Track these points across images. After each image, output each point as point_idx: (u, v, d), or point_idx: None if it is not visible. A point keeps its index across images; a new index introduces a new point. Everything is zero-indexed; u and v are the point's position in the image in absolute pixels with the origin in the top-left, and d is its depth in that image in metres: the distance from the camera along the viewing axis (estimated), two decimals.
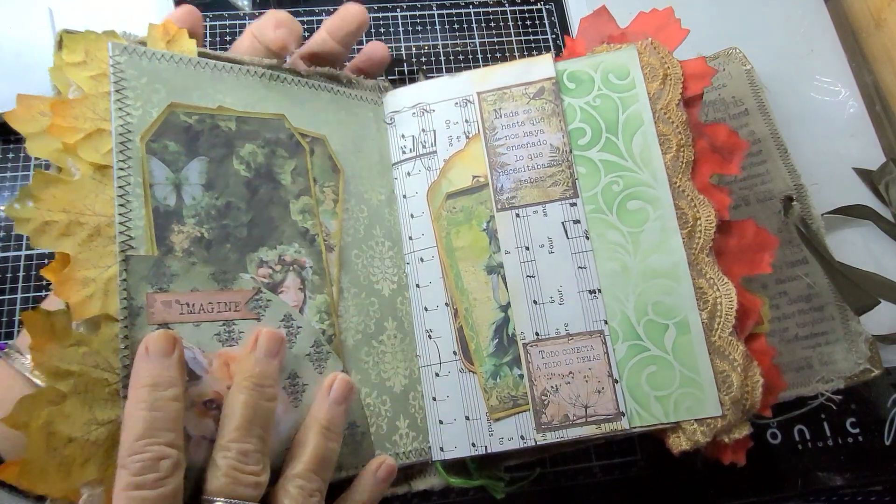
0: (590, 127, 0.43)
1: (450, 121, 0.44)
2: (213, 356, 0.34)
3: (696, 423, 0.39)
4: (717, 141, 0.44)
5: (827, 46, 0.60)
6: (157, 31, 0.40)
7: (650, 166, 0.42)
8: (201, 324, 0.34)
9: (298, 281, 0.38)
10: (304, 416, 0.35)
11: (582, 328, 0.40)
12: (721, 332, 0.40)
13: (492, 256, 0.41)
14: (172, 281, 0.34)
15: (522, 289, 0.41)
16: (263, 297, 0.36)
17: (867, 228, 0.53)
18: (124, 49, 0.37)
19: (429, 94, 0.45)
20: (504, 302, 0.40)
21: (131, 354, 0.32)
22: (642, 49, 0.44)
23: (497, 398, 0.40)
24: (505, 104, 0.44)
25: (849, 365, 0.47)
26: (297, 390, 0.36)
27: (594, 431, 0.39)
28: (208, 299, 0.35)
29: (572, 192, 0.42)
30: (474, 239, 0.42)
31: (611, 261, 0.41)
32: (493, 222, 0.42)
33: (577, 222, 0.42)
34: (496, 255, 0.41)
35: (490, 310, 0.40)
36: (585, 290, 0.41)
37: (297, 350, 0.36)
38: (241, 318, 0.35)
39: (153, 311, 0.33)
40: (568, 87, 0.44)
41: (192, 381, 0.33)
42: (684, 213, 0.42)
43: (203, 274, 0.35)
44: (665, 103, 0.43)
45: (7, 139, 0.52)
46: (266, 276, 0.37)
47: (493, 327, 0.40)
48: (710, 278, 0.41)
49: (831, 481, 0.47)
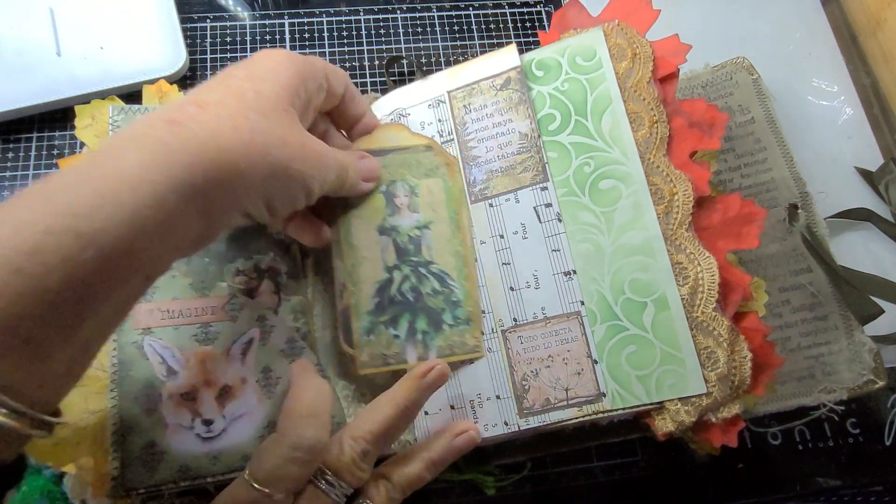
0: (559, 112, 0.43)
1: (424, 122, 0.45)
2: (190, 354, 0.38)
3: (679, 403, 0.38)
4: (695, 116, 0.43)
5: (824, 49, 0.60)
6: (152, 90, 0.47)
7: (620, 143, 0.41)
8: (180, 327, 0.38)
9: (273, 285, 0.40)
10: (277, 406, 0.38)
11: (559, 311, 0.40)
12: (704, 308, 0.39)
13: (386, 219, 0.41)
14: (155, 292, 0.38)
15: (499, 276, 0.42)
16: (238, 301, 0.39)
17: (867, 229, 0.52)
18: (121, 109, 0.44)
19: (404, 99, 0.46)
20: (391, 263, 0.41)
21: (119, 356, 0.37)
22: (609, 30, 0.44)
23: (368, 354, 0.39)
24: (474, 99, 0.45)
25: (852, 375, 0.45)
26: (271, 383, 0.38)
27: (576, 414, 0.39)
28: (187, 306, 0.38)
29: (542, 177, 0.42)
30: (371, 198, 0.41)
31: (584, 242, 0.41)
32: (392, 186, 0.42)
33: (548, 206, 0.42)
34: (390, 217, 0.41)
35: (377, 269, 0.40)
36: (560, 273, 0.41)
37: (271, 346, 0.39)
38: (217, 321, 0.38)
39: (137, 318, 0.37)
40: (536, 75, 0.44)
41: (170, 377, 0.37)
42: (660, 189, 0.41)
43: (182, 284, 0.39)
44: (635, 81, 0.42)
45: (7, 139, 0.52)
46: (242, 283, 0.40)
47: (377, 286, 0.40)
48: (689, 253, 0.39)
49: (832, 482, 0.46)
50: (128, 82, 0.51)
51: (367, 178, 0.40)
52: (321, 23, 0.60)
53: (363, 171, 0.40)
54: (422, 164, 0.42)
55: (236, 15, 0.60)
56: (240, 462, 0.37)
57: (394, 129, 0.44)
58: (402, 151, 0.42)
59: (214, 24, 0.59)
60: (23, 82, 0.51)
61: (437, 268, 0.41)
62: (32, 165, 0.52)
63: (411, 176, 0.42)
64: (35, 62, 0.51)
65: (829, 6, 0.62)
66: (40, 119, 0.53)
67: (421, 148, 0.43)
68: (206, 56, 0.57)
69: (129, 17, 0.54)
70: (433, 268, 0.41)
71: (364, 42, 0.60)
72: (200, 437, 0.36)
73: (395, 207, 0.41)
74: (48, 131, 0.53)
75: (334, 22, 0.60)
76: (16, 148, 0.52)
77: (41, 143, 0.53)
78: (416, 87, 0.46)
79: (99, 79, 0.51)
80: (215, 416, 0.37)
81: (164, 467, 0.35)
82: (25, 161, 0.52)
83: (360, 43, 0.60)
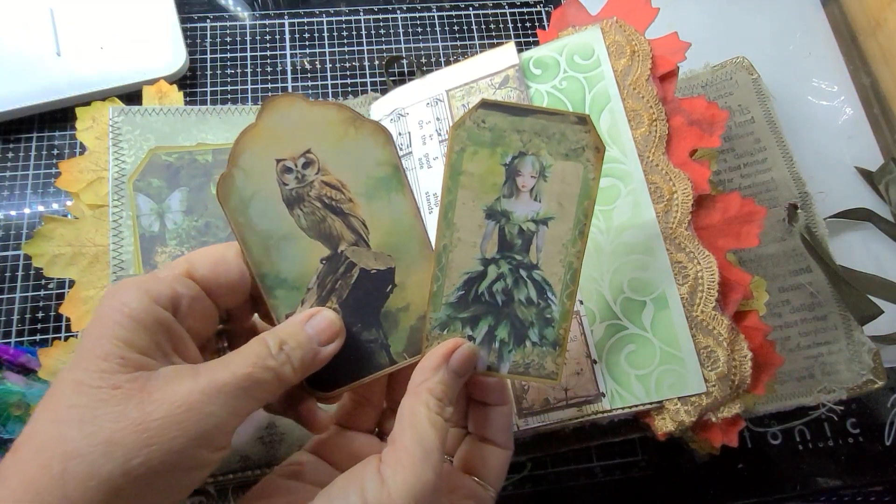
0: None
1: (422, 121, 0.45)
2: None
3: (679, 402, 0.38)
4: (695, 114, 0.43)
5: (824, 49, 0.60)
6: (152, 90, 0.48)
7: (619, 142, 0.41)
8: None
9: None
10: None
11: None
12: (703, 307, 0.39)
13: (500, 199, 0.33)
14: None
15: None
16: None
17: (867, 229, 0.52)
18: (121, 111, 0.44)
19: (403, 98, 0.46)
20: (489, 255, 0.33)
21: None
22: (607, 28, 0.44)
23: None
24: (472, 97, 0.45)
25: (851, 375, 0.45)
26: None
27: (575, 414, 0.39)
28: None
29: None
30: (489, 170, 0.32)
31: None
32: (519, 161, 0.33)
33: None
34: (506, 199, 0.33)
35: (471, 258, 0.33)
36: None
37: None
38: None
39: None
40: (534, 73, 0.44)
41: None
42: (659, 188, 0.41)
43: None
44: (634, 79, 0.42)
45: (7, 139, 0.53)
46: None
47: (465, 277, 0.33)
48: (689, 252, 0.39)
49: (832, 482, 0.46)
50: (128, 82, 0.51)
51: (326, 340, 0.30)
52: (321, 23, 0.60)
53: (316, 333, 0.30)
54: (566, 140, 0.33)
55: (236, 15, 0.60)
56: (238, 463, 0.37)
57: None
58: (545, 116, 0.32)
59: (214, 24, 0.59)
60: (23, 82, 0.51)
61: (541, 275, 0.34)
62: (32, 165, 0.52)
63: (547, 152, 0.33)
64: (35, 62, 0.52)
65: (829, 6, 0.62)
66: (40, 119, 0.53)
67: (572, 118, 0.32)
68: (206, 56, 0.57)
69: (129, 17, 0.54)
70: (536, 274, 0.34)
71: (364, 42, 0.60)
72: None
73: (514, 188, 0.33)
74: (48, 131, 0.53)
75: (334, 22, 0.61)
76: (16, 148, 0.53)
77: (41, 143, 0.53)
78: (414, 87, 0.46)
79: (99, 79, 0.51)
80: None
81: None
82: (25, 161, 0.52)
83: (360, 43, 0.60)
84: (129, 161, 0.43)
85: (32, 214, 0.50)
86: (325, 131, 0.31)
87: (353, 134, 0.31)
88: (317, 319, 0.30)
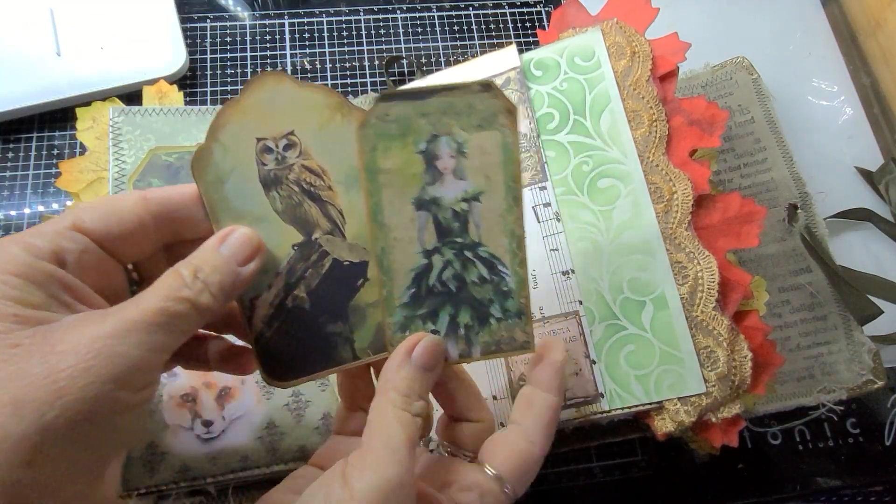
0: (557, 111, 0.43)
1: None
2: None
3: (679, 403, 0.38)
4: (695, 114, 0.43)
5: (824, 49, 0.60)
6: (152, 90, 0.48)
7: (619, 142, 0.41)
8: None
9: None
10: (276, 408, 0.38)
11: (556, 310, 0.40)
12: (703, 307, 0.39)
13: (425, 188, 0.31)
14: None
15: None
16: None
17: (867, 229, 0.52)
18: (121, 111, 0.44)
19: None
20: (430, 246, 0.32)
21: None
22: (607, 29, 0.44)
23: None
24: None
25: (851, 375, 0.45)
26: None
27: (574, 414, 0.39)
28: None
29: (541, 176, 0.42)
30: (406, 161, 0.31)
31: (582, 240, 0.41)
32: (434, 144, 0.31)
33: (547, 205, 0.42)
34: (430, 187, 0.32)
35: (411, 253, 0.32)
36: (559, 272, 0.41)
37: None
38: None
39: None
40: (535, 74, 0.44)
41: (170, 378, 0.37)
42: (659, 188, 0.41)
43: None
44: (634, 79, 0.42)
45: (7, 139, 0.53)
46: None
47: (412, 274, 0.32)
48: (689, 252, 0.39)
49: (832, 482, 0.46)
50: (128, 82, 0.51)
51: (245, 260, 0.29)
52: (321, 23, 0.60)
53: (233, 254, 0.29)
54: (474, 111, 0.31)
55: (236, 15, 0.60)
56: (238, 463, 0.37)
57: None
58: (448, 94, 0.31)
59: (214, 24, 0.59)
60: (23, 82, 0.51)
61: (487, 251, 0.33)
62: (32, 165, 0.52)
63: (459, 128, 0.31)
64: (35, 62, 0.52)
65: (829, 6, 0.62)
66: (40, 119, 0.53)
67: (475, 88, 0.31)
68: (206, 56, 0.58)
69: (128, 17, 0.54)
70: (482, 251, 0.33)
71: (364, 42, 0.60)
72: (200, 437, 0.36)
73: (436, 173, 0.32)
74: (48, 131, 0.53)
75: (334, 22, 0.61)
76: (16, 148, 0.53)
77: (41, 143, 0.53)
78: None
79: (99, 79, 0.51)
80: (215, 417, 0.37)
81: (165, 467, 0.35)
82: (25, 161, 0.52)
83: (360, 43, 0.60)
84: (130, 161, 0.43)
85: (32, 214, 0.50)
86: (311, 115, 0.30)
87: (340, 121, 0.30)
88: (232, 238, 0.29)
